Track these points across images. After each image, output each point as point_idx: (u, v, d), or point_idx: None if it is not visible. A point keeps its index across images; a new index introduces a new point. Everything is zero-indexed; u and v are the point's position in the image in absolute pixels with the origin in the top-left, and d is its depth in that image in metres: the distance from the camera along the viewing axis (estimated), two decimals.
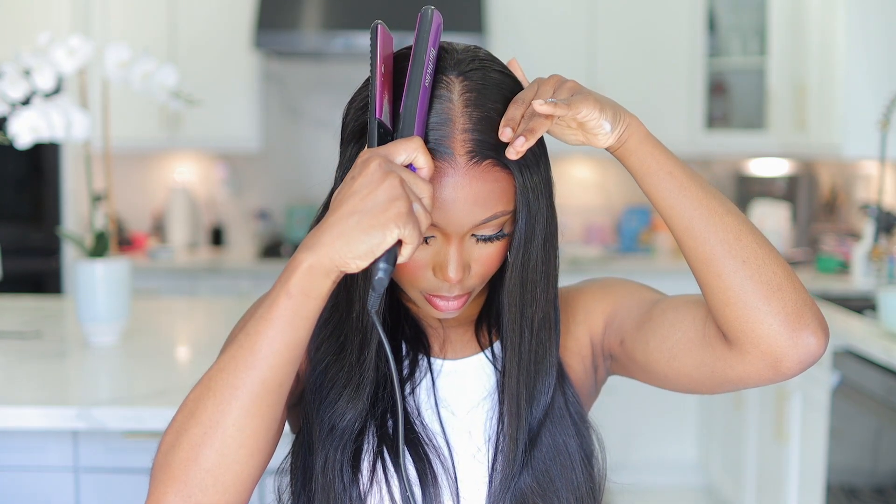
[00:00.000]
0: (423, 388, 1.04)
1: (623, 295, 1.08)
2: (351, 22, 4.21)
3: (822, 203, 4.37)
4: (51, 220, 4.23)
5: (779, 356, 0.92)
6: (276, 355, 0.84)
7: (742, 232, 0.93)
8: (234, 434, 0.83)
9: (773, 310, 0.91)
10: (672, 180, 0.94)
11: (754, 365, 0.93)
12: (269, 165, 4.76)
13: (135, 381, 2.20)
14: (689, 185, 0.94)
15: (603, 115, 0.92)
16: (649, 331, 1.02)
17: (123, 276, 2.42)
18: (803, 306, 0.92)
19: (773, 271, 0.92)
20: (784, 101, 4.08)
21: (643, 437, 4.23)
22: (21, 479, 2.04)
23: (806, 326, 0.91)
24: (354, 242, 0.82)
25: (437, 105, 0.92)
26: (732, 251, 0.92)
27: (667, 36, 4.42)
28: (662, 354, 1.01)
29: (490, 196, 0.92)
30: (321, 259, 0.83)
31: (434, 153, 0.90)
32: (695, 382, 1.00)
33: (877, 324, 2.84)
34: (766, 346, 0.92)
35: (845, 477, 2.86)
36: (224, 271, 4.25)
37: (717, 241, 0.93)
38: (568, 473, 1.02)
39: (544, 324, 1.01)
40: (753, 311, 0.92)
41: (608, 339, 1.08)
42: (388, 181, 0.82)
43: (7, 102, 2.30)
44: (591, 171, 4.83)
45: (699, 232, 0.94)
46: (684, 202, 0.94)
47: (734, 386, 0.97)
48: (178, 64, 3.86)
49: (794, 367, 0.92)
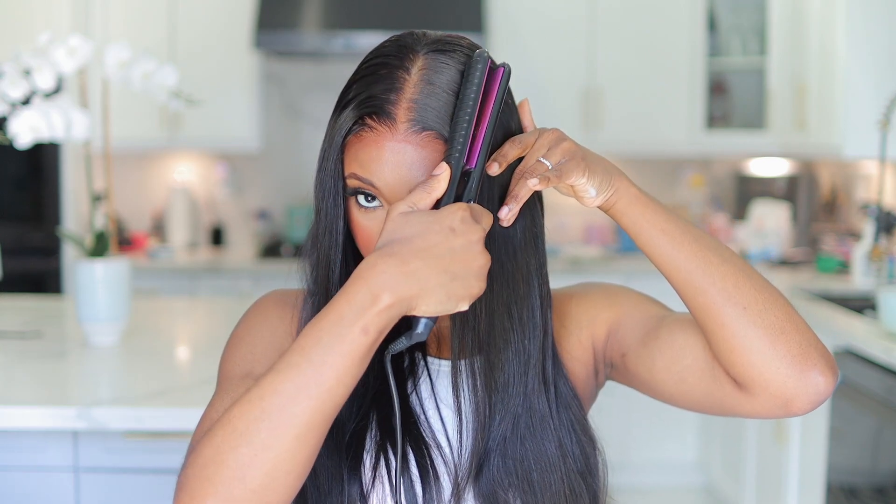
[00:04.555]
0: (422, 387, 1.04)
1: (628, 306, 1.07)
2: (351, 22, 4.21)
3: (822, 203, 4.37)
4: (51, 220, 4.23)
5: (788, 398, 0.93)
6: (341, 387, 0.83)
7: (740, 279, 0.94)
8: (286, 459, 0.82)
9: (778, 354, 0.92)
10: (664, 236, 0.96)
11: (764, 406, 0.94)
12: (269, 165, 4.76)
13: (135, 381, 2.20)
14: (683, 240, 0.96)
15: (590, 182, 0.95)
16: (656, 350, 1.02)
17: (123, 276, 2.42)
18: (808, 347, 0.92)
19: (775, 315, 0.93)
20: (784, 101, 4.08)
21: (643, 437, 4.23)
22: (21, 479, 2.04)
23: (813, 367, 0.92)
24: (433, 299, 0.84)
25: (396, 73, 0.94)
26: (732, 299, 0.93)
27: (667, 36, 4.42)
28: (671, 377, 1.01)
29: (425, 163, 0.92)
30: (401, 303, 0.83)
31: (376, 117, 0.93)
32: (701, 407, 1.01)
33: (877, 324, 2.84)
34: (774, 389, 0.93)
35: (845, 477, 2.86)
36: (224, 271, 4.25)
37: (716, 291, 0.94)
38: (547, 477, 1.01)
39: (514, 320, 1.00)
40: (759, 357, 0.92)
41: (610, 349, 1.07)
42: (485, 259, 0.86)
43: (7, 102, 2.30)
44: None
45: (697, 283, 0.95)
46: (679, 256, 0.96)
47: (741, 417, 0.98)
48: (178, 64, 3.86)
49: (804, 406, 0.93)
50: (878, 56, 3.45)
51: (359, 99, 0.95)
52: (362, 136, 0.94)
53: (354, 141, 0.95)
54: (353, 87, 0.96)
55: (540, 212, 1.03)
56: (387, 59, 0.96)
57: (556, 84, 4.41)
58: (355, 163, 0.94)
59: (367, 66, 0.97)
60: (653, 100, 4.40)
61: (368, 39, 4.10)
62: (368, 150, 0.93)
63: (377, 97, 0.93)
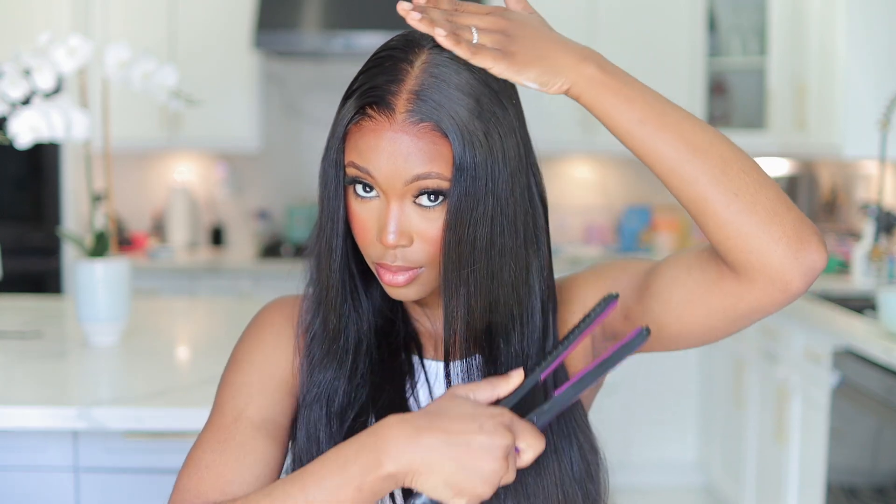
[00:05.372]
0: (420, 390, 1.04)
1: (617, 274, 1.05)
2: (351, 22, 4.21)
3: (822, 203, 4.37)
4: (51, 220, 4.23)
5: (787, 278, 0.91)
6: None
7: (728, 163, 0.91)
8: None
9: (774, 236, 0.90)
10: (643, 127, 0.91)
11: (764, 290, 0.92)
12: (268, 165, 4.76)
13: (135, 381, 2.20)
14: (664, 128, 0.90)
15: (523, 76, 0.88)
16: (650, 297, 1.00)
17: (123, 276, 2.42)
18: (801, 225, 0.91)
19: (766, 197, 0.90)
20: (784, 101, 4.07)
21: (643, 437, 4.23)
22: (21, 479, 2.04)
23: (808, 244, 0.90)
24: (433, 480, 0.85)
25: (400, 65, 0.94)
26: (721, 186, 0.90)
27: (667, 36, 4.42)
28: (669, 316, 0.99)
29: (423, 153, 0.92)
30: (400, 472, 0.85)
31: (377, 106, 0.93)
32: (708, 330, 0.98)
33: (877, 324, 2.84)
34: (773, 270, 0.91)
35: (845, 477, 2.86)
36: (224, 271, 4.25)
37: (705, 179, 0.90)
38: (541, 482, 1.00)
39: (514, 322, 0.99)
40: (755, 241, 0.90)
41: (609, 322, 1.05)
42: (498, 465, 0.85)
43: (7, 102, 2.30)
44: (591, 171, 4.83)
45: (683, 173, 0.91)
46: (661, 146, 0.91)
47: (748, 319, 0.96)
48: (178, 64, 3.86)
49: (802, 285, 0.92)
50: (878, 56, 3.45)
51: (362, 90, 0.95)
52: (362, 125, 0.94)
53: (355, 130, 0.95)
54: (359, 78, 0.97)
55: (542, 212, 1.01)
56: (393, 51, 0.96)
57: None
58: (354, 151, 0.95)
59: (374, 59, 0.98)
60: None
61: (368, 39, 4.10)
62: (367, 139, 0.94)
63: (379, 87, 0.94)
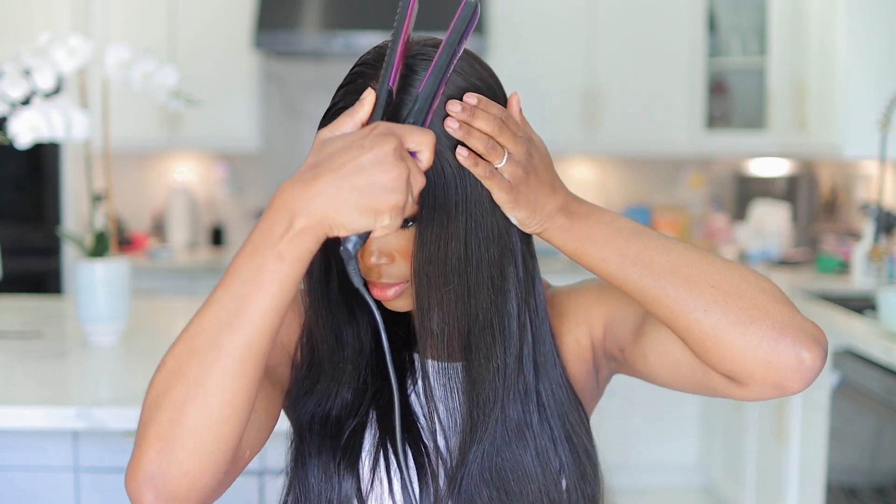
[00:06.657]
0: (419, 387, 1.04)
1: (620, 301, 1.05)
2: (351, 22, 4.22)
3: (822, 203, 4.37)
4: (51, 220, 4.23)
5: (778, 380, 0.90)
6: (265, 319, 0.83)
7: (692, 283, 0.90)
8: (217, 394, 0.82)
9: (752, 343, 0.88)
10: (606, 264, 0.93)
11: (759, 391, 0.91)
12: (268, 165, 4.76)
13: (135, 381, 2.20)
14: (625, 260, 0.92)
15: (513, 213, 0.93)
16: (646, 346, 1.00)
17: (123, 276, 2.42)
18: (784, 326, 0.89)
19: (738, 306, 0.89)
20: (784, 101, 4.07)
21: (643, 438, 4.23)
22: (21, 479, 2.04)
23: (792, 346, 0.88)
24: (346, 215, 0.82)
25: (370, 83, 0.93)
26: (690, 305, 0.90)
27: (667, 36, 4.42)
28: (663, 370, 1.00)
29: None
30: (314, 224, 0.82)
31: None
32: (704, 393, 0.99)
33: (877, 324, 2.84)
34: (760, 376, 0.90)
35: (845, 477, 2.86)
36: (224, 271, 4.25)
37: (671, 302, 0.91)
38: (524, 487, 1.00)
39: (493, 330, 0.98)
40: (735, 350, 0.89)
41: (609, 343, 1.06)
42: (397, 171, 0.82)
43: (7, 102, 2.30)
44: (591, 171, 4.83)
45: (651, 297, 0.92)
46: (627, 276, 0.93)
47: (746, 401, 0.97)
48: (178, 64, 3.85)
49: (797, 385, 0.90)
50: (878, 56, 3.45)
51: (336, 109, 0.96)
52: None
53: None
54: (338, 93, 0.97)
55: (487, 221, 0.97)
56: (365, 67, 0.96)
57: (556, 84, 4.41)
58: None
59: (350, 74, 0.98)
60: (653, 100, 4.40)
61: (368, 39, 4.10)
62: None
63: None
